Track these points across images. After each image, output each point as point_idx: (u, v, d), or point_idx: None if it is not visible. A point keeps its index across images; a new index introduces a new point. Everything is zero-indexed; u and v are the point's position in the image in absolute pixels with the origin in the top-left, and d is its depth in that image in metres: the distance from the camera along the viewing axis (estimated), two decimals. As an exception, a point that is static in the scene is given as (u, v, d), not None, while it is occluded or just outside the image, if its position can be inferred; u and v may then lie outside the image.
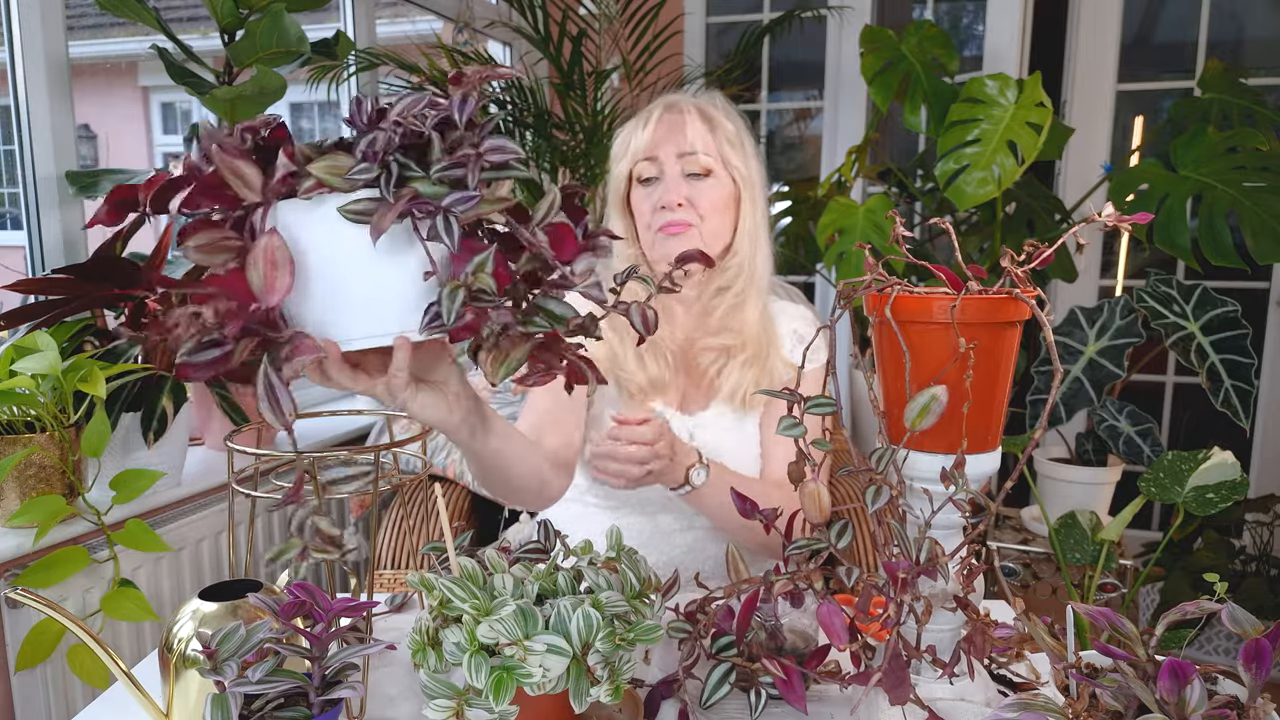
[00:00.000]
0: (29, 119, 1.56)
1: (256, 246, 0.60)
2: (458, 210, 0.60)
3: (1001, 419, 0.76)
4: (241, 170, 0.61)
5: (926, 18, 2.79)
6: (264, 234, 0.60)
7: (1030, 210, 2.44)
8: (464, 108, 0.62)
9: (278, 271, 0.59)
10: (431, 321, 0.61)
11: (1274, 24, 2.83)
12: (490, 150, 0.61)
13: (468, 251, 0.61)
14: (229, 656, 0.67)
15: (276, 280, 0.59)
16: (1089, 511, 1.78)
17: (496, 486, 1.10)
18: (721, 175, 1.20)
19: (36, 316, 1.41)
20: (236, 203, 0.62)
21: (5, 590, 1.27)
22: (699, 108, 1.21)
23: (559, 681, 0.70)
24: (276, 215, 0.62)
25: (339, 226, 0.61)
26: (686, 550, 1.26)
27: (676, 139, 1.19)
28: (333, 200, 0.61)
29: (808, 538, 0.81)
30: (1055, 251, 0.71)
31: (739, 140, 1.22)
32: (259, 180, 0.61)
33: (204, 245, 0.60)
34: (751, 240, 1.23)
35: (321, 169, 0.60)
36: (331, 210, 0.61)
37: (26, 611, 1.34)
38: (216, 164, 0.60)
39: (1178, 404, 3.01)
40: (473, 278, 0.60)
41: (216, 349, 0.58)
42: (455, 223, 0.60)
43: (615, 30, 2.60)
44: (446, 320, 0.60)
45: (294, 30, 1.54)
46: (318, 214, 0.62)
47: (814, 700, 0.87)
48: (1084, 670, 0.65)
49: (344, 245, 0.62)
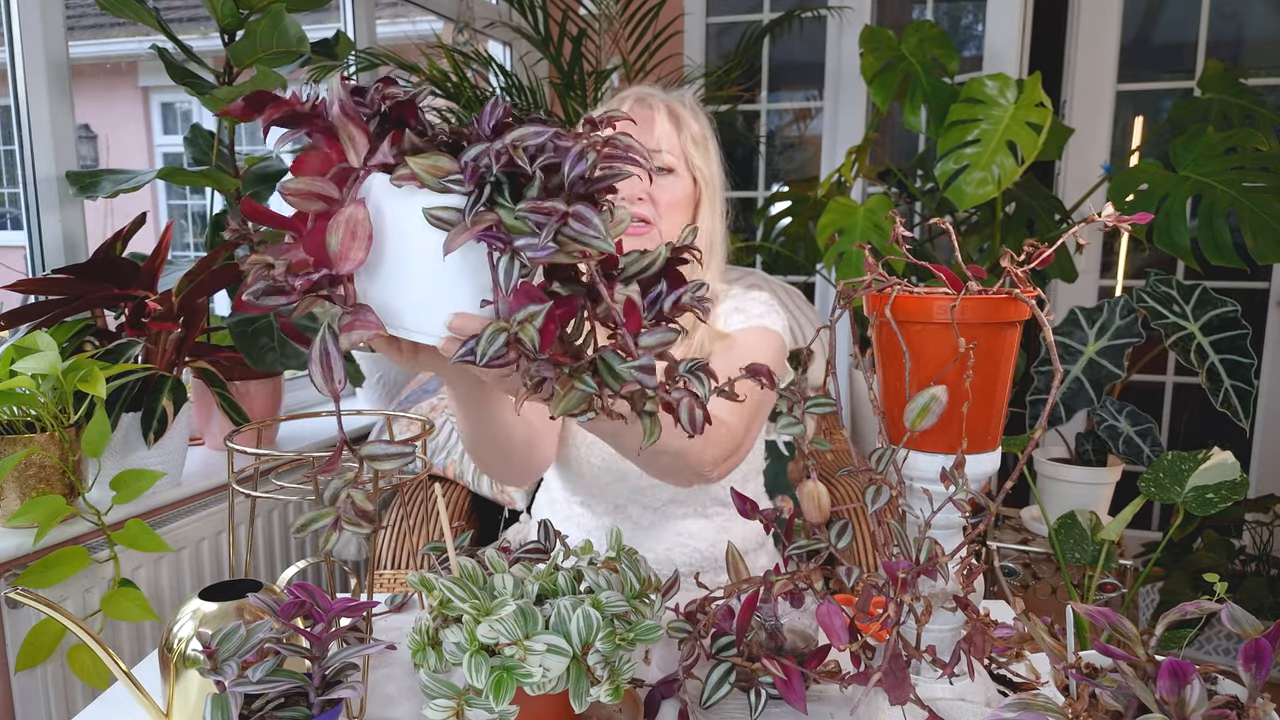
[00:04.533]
0: (29, 119, 1.56)
1: (341, 213, 0.60)
2: (526, 255, 0.58)
3: (1001, 419, 0.76)
4: (354, 135, 0.61)
5: (926, 18, 2.79)
6: (352, 202, 0.60)
7: (1030, 210, 2.44)
8: (577, 166, 0.60)
9: (355, 242, 0.59)
10: (466, 353, 0.60)
11: (1274, 24, 2.83)
12: (577, 216, 0.59)
13: (527, 296, 0.60)
14: (229, 656, 0.67)
15: (352, 250, 0.59)
16: (1089, 511, 1.78)
17: (490, 453, 1.09)
18: (684, 174, 1.21)
19: (37, 316, 1.42)
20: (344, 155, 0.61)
21: (5, 590, 1.27)
22: (668, 105, 1.22)
23: (559, 681, 0.70)
24: (371, 185, 0.62)
25: (421, 222, 0.60)
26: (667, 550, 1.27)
27: (643, 134, 1.20)
28: (421, 196, 0.60)
29: (808, 539, 0.81)
30: (1055, 251, 0.71)
31: (703, 140, 1.23)
32: (365, 149, 0.61)
33: (300, 190, 0.60)
34: (708, 245, 1.24)
35: (420, 165, 0.59)
36: (418, 204, 0.61)
37: (27, 611, 1.34)
38: (334, 121, 0.60)
39: (1177, 404, 3.01)
40: (519, 326, 0.59)
41: (281, 296, 0.59)
42: (518, 267, 0.59)
43: (615, 30, 2.60)
44: (478, 360, 0.59)
45: (294, 30, 1.54)
46: (406, 202, 0.61)
47: (814, 700, 0.87)
48: (1084, 670, 0.65)
49: (421, 241, 0.61)
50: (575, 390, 0.61)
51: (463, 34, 2.69)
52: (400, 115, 0.62)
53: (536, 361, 0.59)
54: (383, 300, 0.64)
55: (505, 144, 0.58)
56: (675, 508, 1.26)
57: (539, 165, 0.59)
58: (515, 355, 0.59)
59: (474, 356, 0.59)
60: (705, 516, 1.27)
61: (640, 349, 0.62)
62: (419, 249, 0.62)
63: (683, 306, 0.64)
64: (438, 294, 0.63)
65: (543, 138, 0.59)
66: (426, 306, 0.64)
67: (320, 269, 0.59)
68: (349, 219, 0.59)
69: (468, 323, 0.62)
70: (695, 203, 1.24)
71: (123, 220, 1.58)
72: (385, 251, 0.62)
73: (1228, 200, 1.99)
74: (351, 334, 0.59)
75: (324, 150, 0.62)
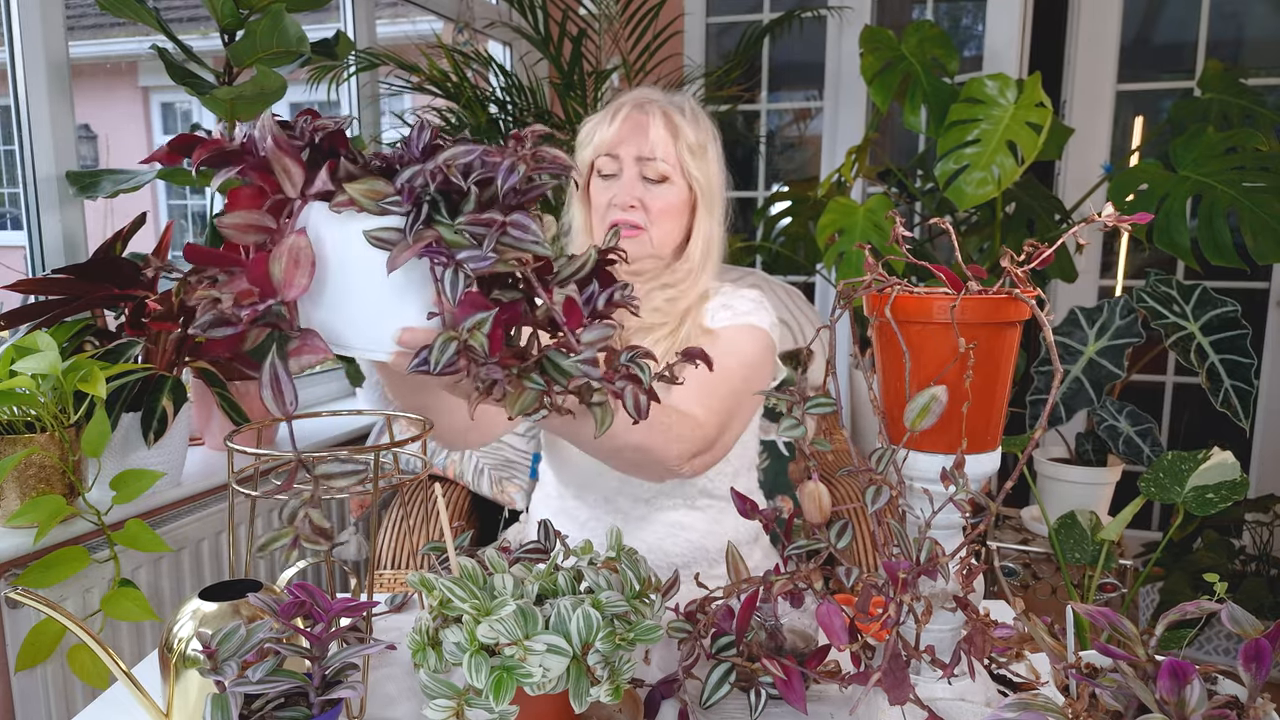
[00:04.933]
0: (29, 119, 1.56)
1: (283, 243, 0.61)
2: (469, 266, 0.61)
3: (1001, 419, 0.76)
4: (289, 167, 0.62)
5: (926, 18, 2.79)
6: (292, 232, 0.62)
7: (1030, 210, 2.44)
8: (509, 178, 0.63)
9: (298, 270, 0.61)
10: (420, 364, 0.62)
11: (1274, 24, 2.83)
12: (514, 225, 0.62)
13: (473, 305, 0.62)
14: (229, 656, 0.67)
15: (296, 278, 0.61)
16: (1089, 511, 1.78)
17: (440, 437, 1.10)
18: (678, 182, 1.22)
19: (37, 316, 1.42)
20: (279, 188, 0.63)
21: (5, 590, 1.27)
22: (665, 112, 1.22)
23: (559, 681, 0.70)
24: (309, 213, 0.64)
25: (362, 245, 0.63)
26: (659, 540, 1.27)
27: (638, 141, 1.20)
28: (361, 220, 0.63)
29: (808, 539, 0.81)
30: (1055, 251, 0.71)
31: (700, 148, 1.23)
32: (301, 180, 0.62)
33: (239, 224, 0.61)
34: (704, 250, 1.25)
35: (358, 190, 0.61)
36: (358, 228, 0.63)
37: (27, 611, 1.34)
38: (268, 155, 0.62)
39: (1177, 404, 3.01)
40: (468, 333, 0.62)
41: (229, 327, 0.61)
42: (462, 278, 0.61)
43: (615, 30, 2.60)
44: (432, 369, 0.62)
45: (294, 30, 1.54)
46: (346, 227, 0.63)
47: (814, 700, 0.87)
48: (1084, 670, 0.65)
49: (363, 262, 0.64)
50: (527, 390, 0.65)
51: (463, 34, 2.69)
52: (332, 145, 0.65)
53: (487, 365, 0.62)
54: (328, 323, 0.66)
55: (439, 164, 0.61)
56: (664, 499, 1.26)
57: (473, 181, 0.62)
58: (466, 361, 0.62)
59: (428, 366, 0.62)
60: (696, 509, 1.27)
61: (583, 345, 0.65)
62: (361, 270, 0.64)
63: (616, 303, 0.68)
64: (383, 311, 0.66)
65: (473, 156, 0.62)
66: (373, 324, 0.66)
67: (266, 298, 0.61)
68: (291, 248, 0.62)
69: (415, 336, 0.65)
70: (691, 208, 1.25)
71: (123, 220, 1.58)
72: (328, 276, 0.65)
73: (1228, 200, 1.99)
74: (300, 358, 0.62)
75: (257, 184, 0.64)
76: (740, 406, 1.18)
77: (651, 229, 1.21)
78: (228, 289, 0.61)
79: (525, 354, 0.66)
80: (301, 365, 0.62)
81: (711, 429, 1.11)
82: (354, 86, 2.44)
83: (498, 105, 2.46)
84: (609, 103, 1.29)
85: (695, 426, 1.08)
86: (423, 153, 0.64)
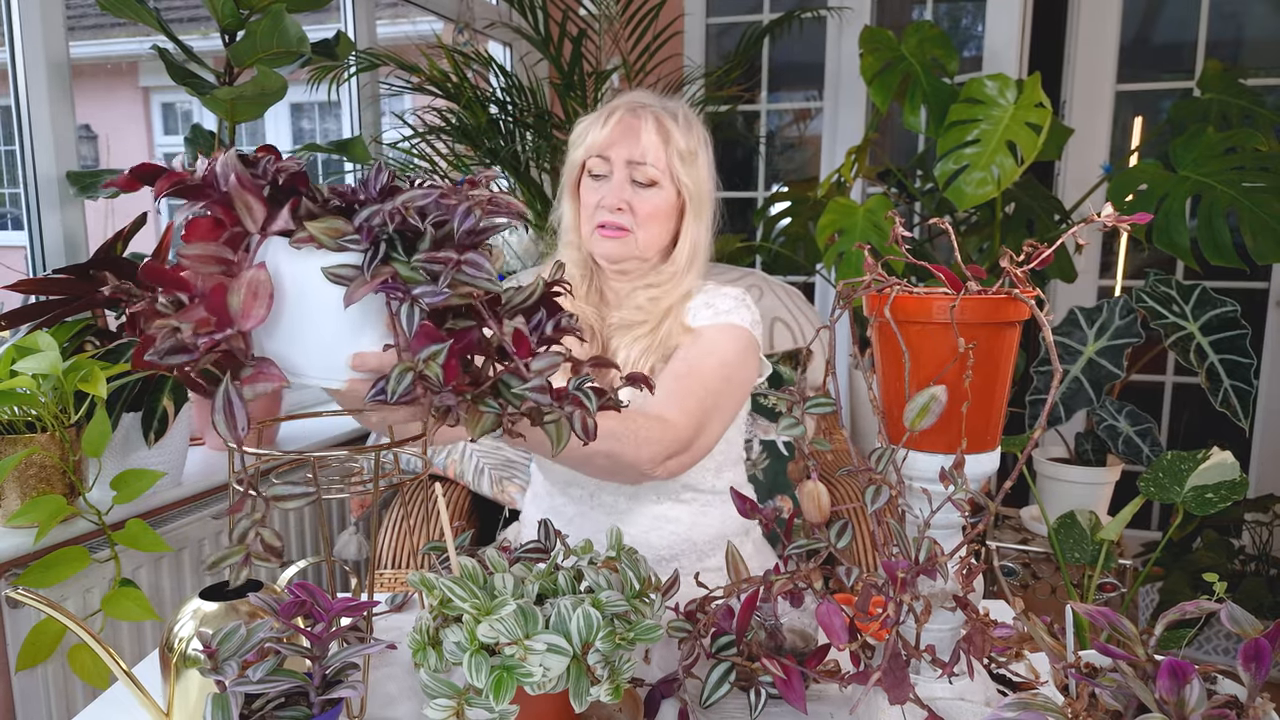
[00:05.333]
0: (30, 119, 1.56)
1: (242, 276, 0.64)
2: (424, 301, 0.64)
3: (1001, 419, 0.76)
4: (250, 204, 0.64)
5: (926, 18, 2.80)
6: (251, 266, 0.65)
7: (1030, 210, 2.44)
8: (466, 220, 0.66)
9: (256, 302, 0.64)
10: (377, 395, 0.65)
11: (1273, 24, 2.83)
12: (469, 263, 0.65)
13: (428, 337, 0.65)
14: (229, 656, 0.67)
15: (254, 310, 0.64)
16: (1088, 511, 1.78)
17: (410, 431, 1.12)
18: (667, 187, 1.23)
19: (37, 316, 1.42)
20: (238, 221, 0.66)
21: (6, 590, 1.27)
22: (657, 117, 1.23)
23: (559, 681, 0.70)
24: (268, 247, 0.67)
25: (320, 279, 0.65)
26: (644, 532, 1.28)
27: (630, 144, 1.22)
28: (320, 256, 0.65)
29: (808, 538, 0.81)
30: (1054, 252, 0.71)
31: (691, 155, 1.24)
32: (262, 217, 0.65)
33: (199, 255, 0.64)
34: (690, 254, 1.27)
35: (318, 229, 0.64)
36: (317, 264, 0.65)
37: (27, 611, 1.34)
38: (230, 191, 0.64)
39: (1177, 404, 3.01)
40: (424, 364, 0.64)
41: (186, 354, 0.63)
42: (418, 313, 0.64)
43: (615, 31, 2.60)
44: (389, 398, 0.64)
45: (294, 31, 1.54)
46: (305, 262, 0.66)
47: (813, 700, 0.87)
48: (1083, 670, 0.65)
49: (320, 296, 0.66)
50: (484, 415, 0.69)
51: (463, 34, 2.69)
52: (293, 184, 0.67)
53: (442, 393, 0.65)
54: (282, 353, 0.69)
55: (397, 206, 0.64)
56: (647, 494, 1.28)
57: (430, 223, 0.65)
58: (422, 390, 0.65)
59: (385, 395, 0.64)
60: (681, 502, 1.29)
61: (532, 373, 0.69)
62: (317, 303, 0.67)
63: (562, 329, 0.73)
64: (338, 342, 0.69)
65: (429, 199, 0.66)
66: (328, 354, 0.69)
67: (223, 328, 0.63)
68: (251, 281, 0.64)
69: (367, 360, 0.68)
70: (679, 213, 1.27)
71: (123, 220, 1.58)
72: (284, 308, 0.67)
73: (1227, 200, 1.99)
74: (256, 385, 0.64)
75: (216, 215, 0.66)
76: (719, 406, 1.19)
77: (638, 231, 1.23)
78: (186, 318, 0.62)
79: (480, 379, 0.70)
80: (256, 392, 0.64)
81: (685, 431, 1.12)
82: (354, 87, 2.44)
83: (498, 105, 2.46)
84: (606, 103, 1.30)
85: (666, 429, 1.10)
86: (380, 193, 0.67)
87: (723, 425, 1.22)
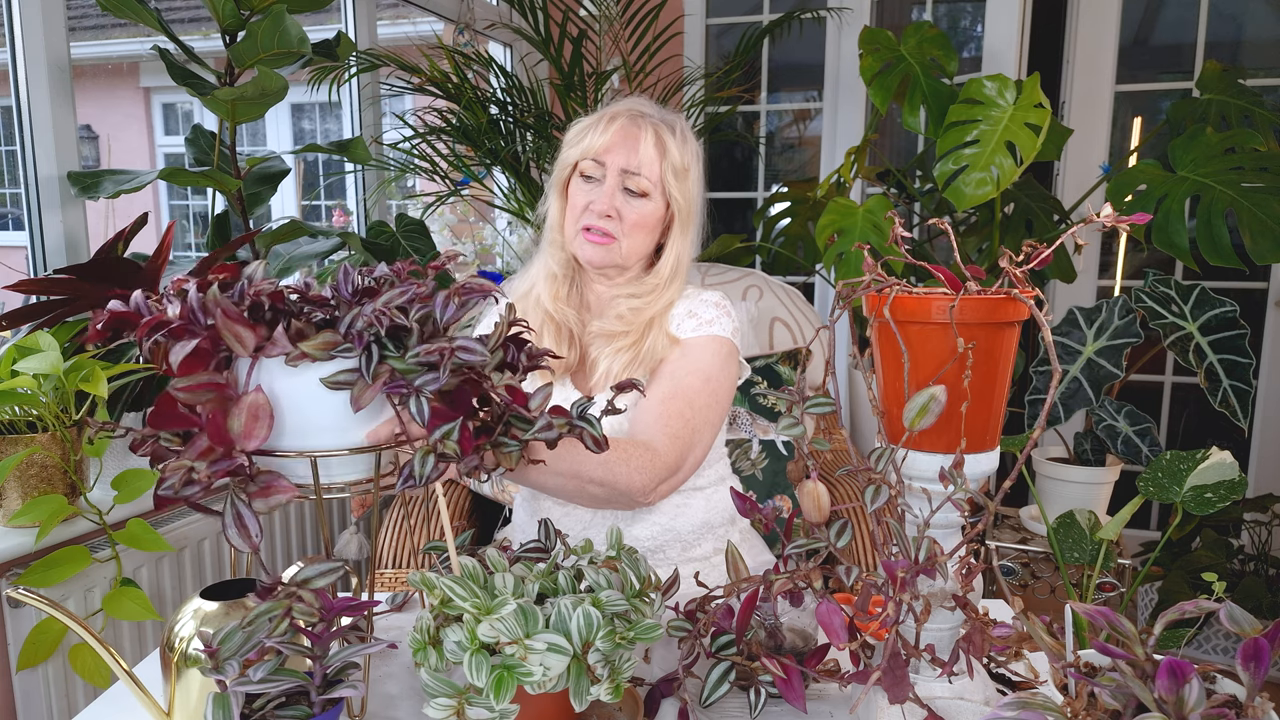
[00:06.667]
0: (31, 120, 1.57)
1: (242, 401, 0.66)
2: (429, 390, 0.67)
3: (1000, 419, 0.76)
4: (239, 333, 0.67)
5: (925, 19, 2.80)
6: (250, 390, 0.67)
7: (1029, 211, 2.44)
8: (447, 310, 0.71)
9: (257, 423, 0.67)
10: (407, 480, 0.68)
11: (1273, 24, 2.83)
12: (462, 349, 0.69)
13: (438, 417, 0.69)
14: (230, 655, 0.67)
15: (255, 430, 0.66)
16: (1087, 511, 1.79)
17: None
18: (657, 200, 1.25)
19: (38, 316, 1.42)
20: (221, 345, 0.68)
21: (7, 589, 1.27)
22: (657, 130, 1.24)
23: (559, 680, 0.70)
24: (260, 368, 0.69)
25: (316, 389, 0.68)
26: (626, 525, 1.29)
27: (627, 153, 1.23)
28: (315, 368, 0.68)
29: (807, 538, 0.81)
30: (1054, 252, 0.71)
31: (684, 170, 1.26)
32: (253, 342, 0.67)
33: (191, 387, 0.66)
34: (674, 267, 1.28)
35: (312, 346, 0.67)
36: (314, 376, 0.68)
37: (28, 611, 1.35)
38: (217, 324, 0.66)
39: (1176, 404, 3.01)
40: (441, 444, 0.68)
41: (197, 486, 0.65)
42: (426, 402, 0.67)
43: (615, 31, 2.60)
44: (419, 483, 0.68)
45: (295, 31, 1.54)
46: (302, 376, 0.69)
47: (813, 699, 0.87)
48: (1082, 669, 0.66)
49: (318, 405, 0.69)
50: (509, 454, 0.76)
51: (463, 35, 2.69)
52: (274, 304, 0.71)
53: (464, 461, 0.70)
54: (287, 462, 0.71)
55: (379, 308, 0.68)
56: None
57: (414, 319, 0.69)
58: (445, 466, 0.70)
59: (415, 480, 0.68)
60: None
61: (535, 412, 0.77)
62: (316, 412, 0.70)
63: (536, 355, 0.80)
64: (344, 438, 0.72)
65: (406, 295, 0.70)
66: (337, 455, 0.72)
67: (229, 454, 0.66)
68: (250, 405, 0.67)
69: (379, 434, 0.73)
70: (666, 226, 1.28)
71: (124, 221, 1.58)
72: (285, 421, 0.70)
73: (1226, 201, 1.99)
74: (269, 499, 0.67)
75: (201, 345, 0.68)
76: (708, 421, 1.22)
77: (623, 239, 1.24)
78: (193, 455, 0.65)
79: (491, 427, 0.75)
80: (270, 506, 0.67)
81: (673, 457, 1.15)
82: (355, 87, 2.44)
83: (498, 106, 2.47)
84: (606, 106, 1.30)
85: (655, 458, 1.12)
86: (353, 294, 0.72)
87: (711, 437, 1.24)
